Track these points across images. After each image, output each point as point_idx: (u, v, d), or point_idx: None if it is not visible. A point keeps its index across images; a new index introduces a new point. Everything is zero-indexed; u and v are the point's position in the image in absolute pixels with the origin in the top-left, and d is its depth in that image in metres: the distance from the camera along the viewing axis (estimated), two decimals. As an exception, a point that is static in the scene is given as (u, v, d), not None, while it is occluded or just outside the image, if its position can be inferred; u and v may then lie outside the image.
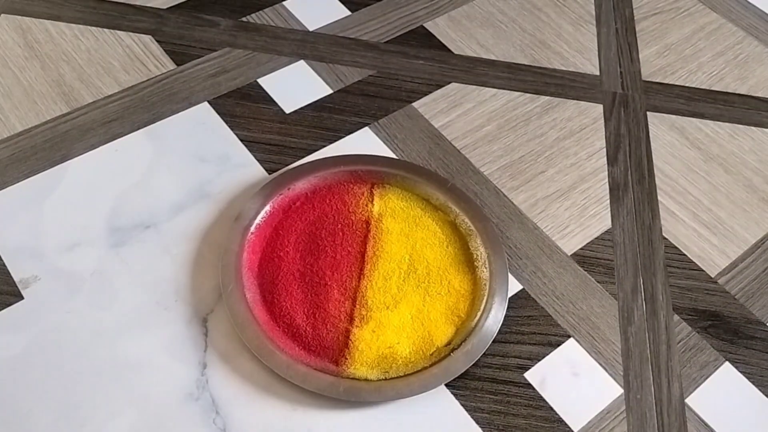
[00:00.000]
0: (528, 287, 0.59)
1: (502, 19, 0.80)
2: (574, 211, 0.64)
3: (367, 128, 0.68)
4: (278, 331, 0.53)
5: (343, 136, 0.67)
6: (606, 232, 0.63)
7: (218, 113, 0.67)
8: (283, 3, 0.78)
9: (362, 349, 0.53)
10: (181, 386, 0.51)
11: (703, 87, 0.76)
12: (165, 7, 0.76)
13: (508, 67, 0.75)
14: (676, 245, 0.63)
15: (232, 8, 0.77)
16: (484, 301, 0.56)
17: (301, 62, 0.73)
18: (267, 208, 0.59)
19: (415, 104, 0.70)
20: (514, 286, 0.58)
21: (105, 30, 0.73)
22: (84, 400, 0.50)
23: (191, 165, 0.63)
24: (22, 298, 0.54)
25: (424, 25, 0.78)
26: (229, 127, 0.66)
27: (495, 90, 0.73)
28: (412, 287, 0.56)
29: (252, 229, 0.58)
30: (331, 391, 0.51)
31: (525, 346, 0.55)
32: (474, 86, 0.73)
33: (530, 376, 0.54)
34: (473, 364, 0.53)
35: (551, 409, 0.53)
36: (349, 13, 0.79)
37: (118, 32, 0.73)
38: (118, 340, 0.53)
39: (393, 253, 0.58)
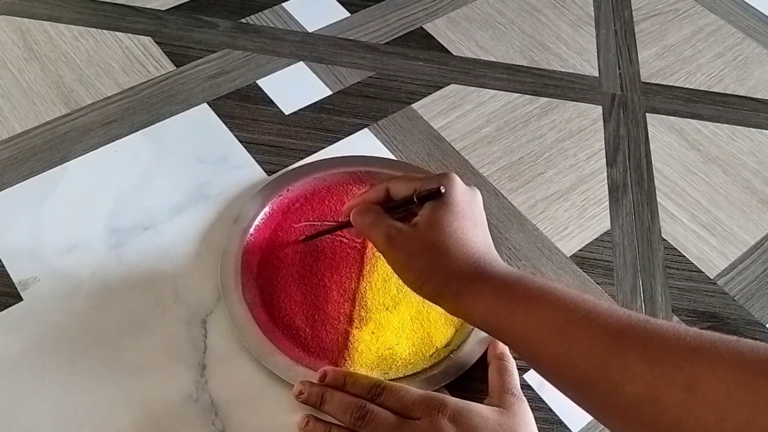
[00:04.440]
0: (527, 288, 0.59)
1: (501, 20, 0.81)
2: (574, 213, 0.64)
3: (366, 129, 0.68)
4: (277, 332, 0.53)
5: (343, 138, 0.67)
6: (605, 233, 0.63)
7: (217, 114, 0.67)
8: (283, 4, 0.78)
9: (362, 350, 0.53)
10: (180, 387, 0.51)
11: (702, 88, 0.76)
12: (164, 9, 0.76)
13: (508, 69, 0.75)
14: (676, 246, 0.63)
15: (231, 9, 0.77)
16: (484, 302, 0.56)
17: (301, 63, 0.73)
18: (266, 209, 0.59)
19: (414, 105, 0.70)
20: (514, 288, 0.58)
21: (104, 31, 0.73)
22: (83, 401, 0.50)
23: (190, 166, 0.63)
24: (21, 299, 0.54)
25: (424, 26, 0.78)
26: (229, 128, 0.66)
27: (494, 91, 0.73)
28: (411, 288, 0.56)
29: (251, 230, 0.58)
30: (331, 392, 0.51)
31: (524, 347, 0.55)
32: (473, 87, 0.73)
33: (530, 377, 0.54)
34: (472, 366, 0.53)
35: (551, 410, 0.53)
36: (348, 14, 0.79)
37: (118, 34, 0.73)
38: (117, 341, 0.52)
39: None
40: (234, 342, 0.53)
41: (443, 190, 0.45)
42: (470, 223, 0.46)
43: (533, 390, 0.54)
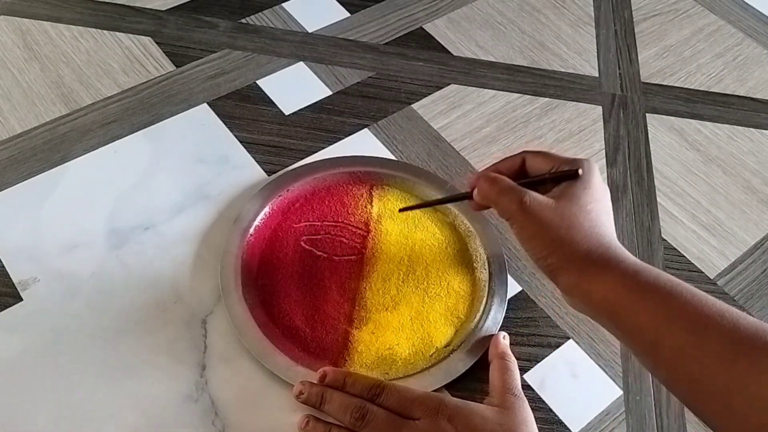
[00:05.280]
0: (527, 289, 0.59)
1: (501, 20, 0.81)
2: (574, 213, 0.64)
3: (366, 130, 0.68)
4: (277, 332, 0.53)
5: (343, 138, 0.67)
6: (605, 233, 0.63)
7: (217, 115, 0.67)
8: (283, 4, 0.78)
9: (361, 350, 0.53)
10: (180, 388, 0.51)
11: (702, 89, 0.76)
12: (164, 9, 0.76)
13: (507, 69, 0.75)
14: (675, 247, 0.63)
15: (231, 10, 0.77)
16: (484, 302, 0.56)
17: (301, 64, 0.73)
18: (266, 209, 0.59)
19: (414, 106, 0.70)
20: (514, 288, 0.58)
21: (104, 31, 0.73)
22: (83, 401, 0.50)
23: (190, 166, 0.63)
24: (21, 299, 0.54)
25: (424, 26, 0.78)
26: (229, 128, 0.66)
27: (494, 91, 0.73)
28: (411, 288, 0.56)
29: (251, 230, 0.58)
30: (331, 392, 0.51)
31: (524, 347, 0.55)
32: (473, 88, 0.73)
33: (530, 377, 0.54)
34: (472, 366, 0.53)
35: (550, 410, 0.53)
36: (348, 14, 0.79)
37: (118, 34, 0.73)
38: (117, 341, 0.52)
39: (392, 255, 0.58)
40: (234, 342, 0.53)
41: (580, 173, 0.45)
42: (604, 209, 0.46)
43: (533, 390, 0.53)
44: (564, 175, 0.46)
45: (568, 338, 0.56)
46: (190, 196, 0.61)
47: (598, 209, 0.45)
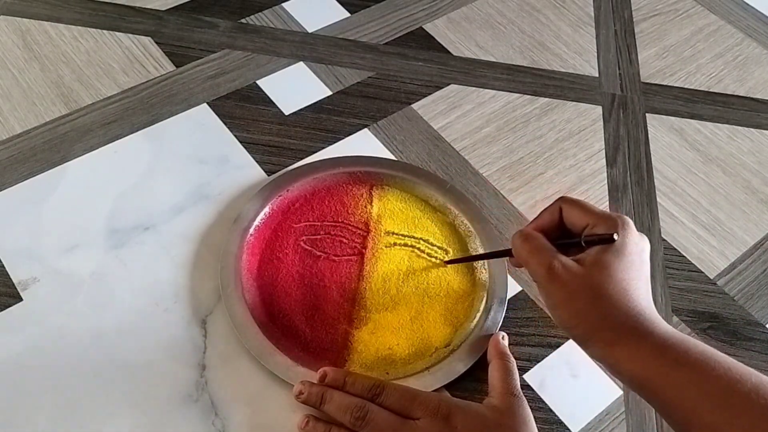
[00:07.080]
0: (527, 289, 0.59)
1: (501, 20, 0.81)
2: (573, 213, 0.64)
3: (366, 130, 0.68)
4: (277, 332, 0.53)
5: (342, 138, 0.67)
6: (605, 233, 0.63)
7: (217, 115, 0.67)
8: (283, 5, 0.78)
9: (361, 350, 0.53)
10: (180, 388, 0.51)
11: (702, 89, 0.76)
12: (164, 9, 0.76)
13: (507, 69, 0.75)
14: (675, 247, 0.63)
15: (231, 10, 0.77)
16: (483, 302, 0.56)
17: (301, 64, 0.73)
18: (266, 209, 0.59)
19: (414, 106, 0.70)
20: (513, 288, 0.58)
21: (104, 32, 0.73)
22: (83, 401, 0.50)
23: (190, 166, 0.63)
24: (21, 299, 0.54)
25: (424, 26, 0.78)
26: (229, 128, 0.66)
27: (494, 91, 0.73)
28: (410, 289, 0.56)
29: (251, 230, 0.58)
30: (330, 392, 0.51)
31: (524, 347, 0.55)
32: (473, 88, 0.73)
33: (529, 377, 0.54)
34: (472, 366, 0.53)
35: (550, 410, 0.53)
36: (348, 14, 0.79)
37: (118, 34, 0.73)
38: (117, 341, 0.52)
39: (392, 255, 0.58)
40: (234, 342, 0.53)
41: (616, 238, 0.44)
42: (637, 275, 0.44)
43: (533, 390, 0.54)
44: (599, 240, 0.44)
45: (568, 338, 0.56)
46: (190, 196, 0.61)
47: (630, 277, 0.43)
